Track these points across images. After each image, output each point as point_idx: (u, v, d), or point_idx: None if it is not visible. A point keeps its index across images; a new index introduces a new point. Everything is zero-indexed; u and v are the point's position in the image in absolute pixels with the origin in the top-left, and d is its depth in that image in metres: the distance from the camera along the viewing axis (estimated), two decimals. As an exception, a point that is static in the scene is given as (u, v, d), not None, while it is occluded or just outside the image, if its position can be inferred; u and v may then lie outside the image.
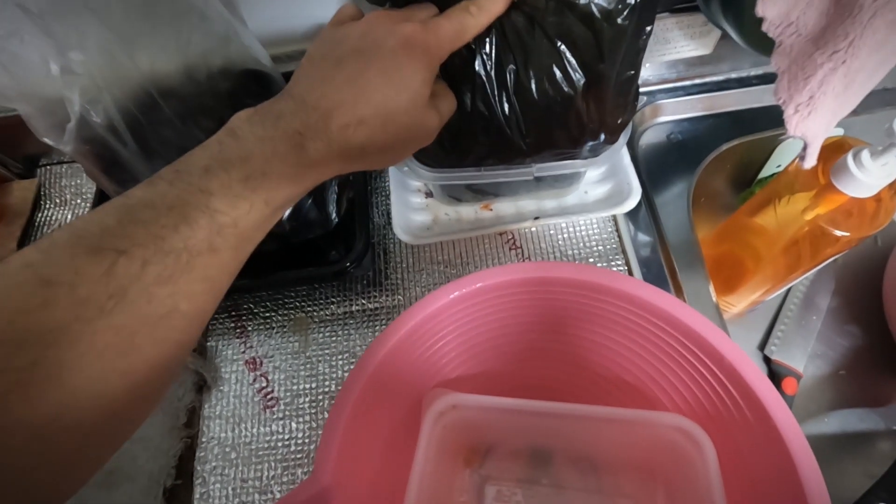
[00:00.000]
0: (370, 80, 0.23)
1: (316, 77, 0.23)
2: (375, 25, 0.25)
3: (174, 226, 0.19)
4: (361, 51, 0.24)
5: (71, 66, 0.26)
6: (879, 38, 0.22)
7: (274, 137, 0.22)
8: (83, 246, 0.18)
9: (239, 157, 0.21)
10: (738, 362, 0.27)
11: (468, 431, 0.33)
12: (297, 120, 0.22)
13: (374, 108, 0.23)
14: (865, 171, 0.34)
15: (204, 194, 0.20)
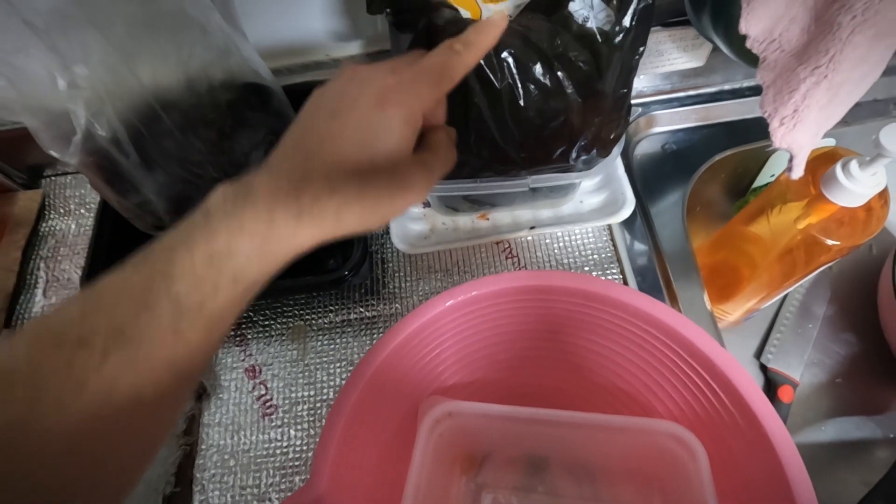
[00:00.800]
0: (341, 145, 0.22)
1: (291, 144, 0.23)
2: (351, 83, 0.24)
3: (135, 313, 0.19)
4: (335, 113, 0.23)
5: (76, 80, 0.27)
6: (860, 54, 0.22)
7: (242, 214, 0.21)
8: (45, 338, 0.18)
9: (204, 236, 0.20)
10: (730, 370, 0.27)
11: (464, 439, 0.33)
12: (267, 194, 0.21)
13: (345, 176, 0.22)
14: (855, 181, 0.35)
15: (166, 278, 0.20)
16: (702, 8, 0.37)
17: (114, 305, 0.19)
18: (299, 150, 0.22)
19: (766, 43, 0.24)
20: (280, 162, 0.22)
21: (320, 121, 0.23)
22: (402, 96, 0.23)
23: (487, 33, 0.24)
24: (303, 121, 0.24)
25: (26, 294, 0.47)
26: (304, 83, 0.46)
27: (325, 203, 0.21)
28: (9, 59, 0.26)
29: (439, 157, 0.26)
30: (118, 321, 0.19)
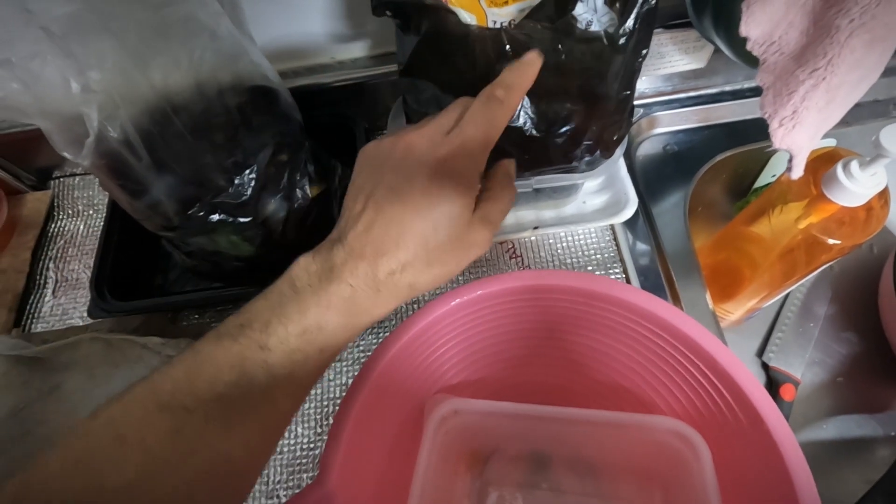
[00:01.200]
0: (406, 224, 0.23)
1: (360, 221, 0.24)
2: (405, 159, 0.25)
3: (235, 382, 0.21)
4: (395, 190, 0.24)
5: (90, 84, 0.27)
6: (857, 57, 0.23)
7: (329, 290, 0.23)
8: (155, 403, 0.20)
9: (297, 310, 0.22)
10: (732, 367, 0.28)
11: (470, 437, 0.34)
12: (348, 272, 0.23)
13: (414, 251, 0.23)
14: (855, 181, 0.35)
15: (263, 351, 0.22)
16: (703, 10, 0.38)
17: (216, 374, 0.21)
18: (368, 227, 0.24)
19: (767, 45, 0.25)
20: (353, 239, 0.24)
21: (384, 198, 0.24)
22: (457, 168, 0.24)
23: (525, 73, 0.25)
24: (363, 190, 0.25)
25: (36, 294, 0.48)
26: (311, 85, 0.46)
27: (399, 278, 0.24)
28: (25, 64, 0.26)
29: (500, 205, 0.27)
30: (219, 389, 0.21)
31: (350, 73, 0.46)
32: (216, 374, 0.21)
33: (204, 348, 0.22)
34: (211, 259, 0.42)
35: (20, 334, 0.45)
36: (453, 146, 0.24)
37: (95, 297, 0.41)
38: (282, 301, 0.23)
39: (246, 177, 0.36)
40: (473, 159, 0.25)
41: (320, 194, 0.42)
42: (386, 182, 0.24)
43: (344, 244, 0.24)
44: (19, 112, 0.27)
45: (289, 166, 0.39)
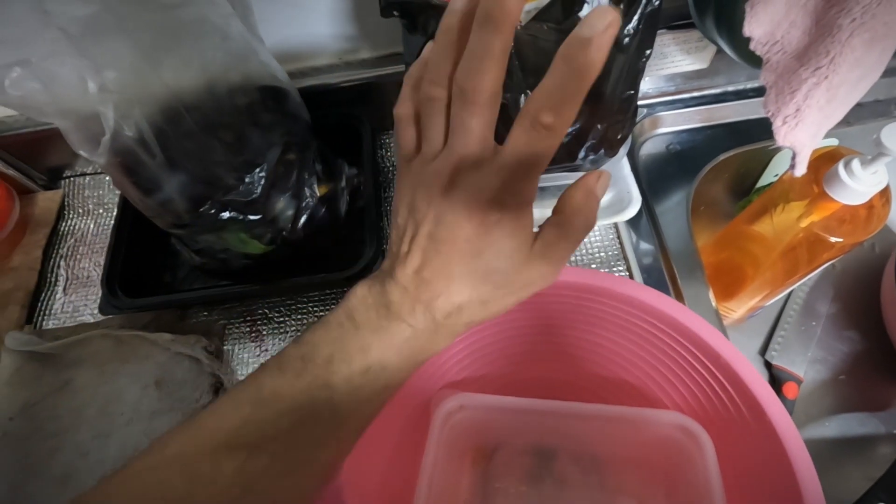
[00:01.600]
0: (455, 272, 0.22)
1: (410, 264, 0.22)
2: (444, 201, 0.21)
3: (300, 421, 0.21)
4: (437, 239, 0.22)
5: (106, 83, 0.28)
6: (858, 56, 0.23)
7: (390, 330, 0.22)
8: (222, 440, 0.20)
9: (359, 348, 0.22)
10: (734, 361, 0.28)
11: (475, 431, 0.34)
12: (406, 312, 0.22)
13: (469, 293, 0.22)
14: (856, 180, 0.36)
15: (328, 389, 0.21)
16: (706, 11, 0.38)
17: (280, 414, 0.21)
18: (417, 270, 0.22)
19: (769, 45, 0.25)
20: (406, 280, 0.22)
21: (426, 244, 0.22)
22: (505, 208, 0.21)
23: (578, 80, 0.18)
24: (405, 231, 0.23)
25: (47, 291, 0.48)
26: (318, 85, 0.47)
27: (456, 318, 0.23)
28: (44, 64, 0.27)
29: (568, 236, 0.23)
30: (285, 427, 0.21)
31: (357, 73, 0.47)
32: (281, 411, 0.21)
33: (267, 383, 0.22)
34: (219, 257, 0.42)
35: (32, 331, 0.45)
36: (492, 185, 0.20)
37: (107, 294, 0.42)
38: (342, 335, 0.22)
39: (256, 175, 0.36)
40: (519, 197, 0.21)
41: (327, 193, 0.43)
42: (426, 227, 0.22)
43: (397, 282, 0.23)
44: (38, 111, 0.28)
45: (297, 165, 0.39)
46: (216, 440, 0.20)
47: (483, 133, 0.21)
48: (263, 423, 0.21)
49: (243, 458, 0.20)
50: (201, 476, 0.19)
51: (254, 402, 0.21)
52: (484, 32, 0.18)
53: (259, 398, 0.21)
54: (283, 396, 0.21)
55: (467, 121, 0.20)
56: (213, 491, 0.19)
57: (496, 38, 0.18)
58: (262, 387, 0.21)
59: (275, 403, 0.21)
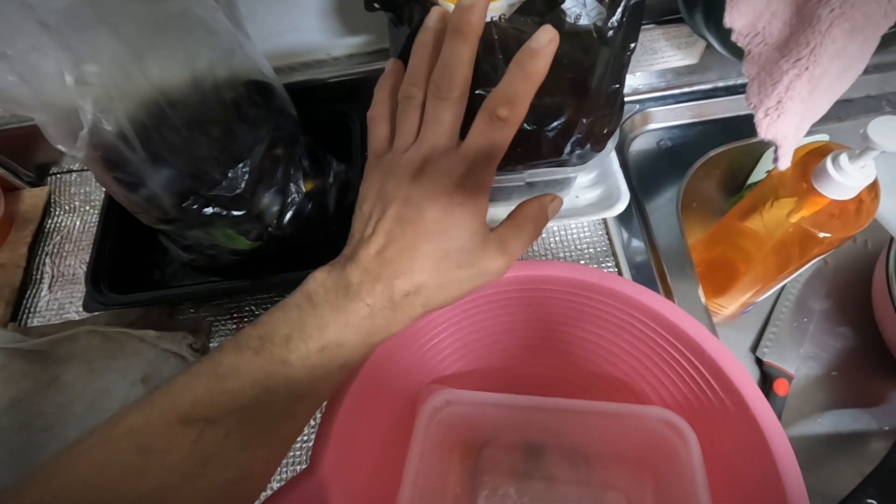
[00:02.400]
0: (418, 250, 0.24)
1: (373, 244, 0.24)
2: (412, 186, 0.25)
3: (256, 396, 0.21)
4: (402, 218, 0.24)
5: (86, 77, 0.28)
6: (839, 46, 0.23)
7: (348, 309, 0.23)
8: (176, 414, 0.20)
9: (316, 326, 0.23)
10: (718, 355, 0.28)
11: (463, 427, 0.34)
12: (365, 291, 0.23)
13: (428, 274, 0.24)
14: (844, 174, 0.36)
15: (284, 366, 0.22)
16: (694, 6, 0.38)
17: (238, 388, 0.21)
18: (380, 251, 0.24)
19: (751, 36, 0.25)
20: (366, 261, 0.24)
21: (394, 225, 0.24)
22: (465, 194, 0.24)
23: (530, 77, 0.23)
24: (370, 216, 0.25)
25: (33, 289, 0.48)
26: (306, 81, 0.47)
27: (414, 298, 0.24)
28: (22, 56, 0.26)
29: (521, 234, 0.26)
30: (242, 403, 0.21)
31: (345, 68, 0.47)
32: (238, 387, 0.21)
33: (224, 359, 0.22)
34: (207, 253, 0.42)
35: (17, 328, 0.45)
36: (461, 174, 0.24)
37: (91, 290, 0.41)
38: (301, 316, 0.23)
39: (240, 170, 0.36)
40: (482, 181, 0.25)
41: (315, 189, 0.43)
42: (393, 209, 0.25)
43: (358, 264, 0.24)
44: (17, 104, 0.28)
45: (283, 161, 0.39)
46: (172, 414, 0.20)
47: (453, 125, 0.25)
48: (220, 397, 0.21)
49: (199, 431, 0.20)
50: (156, 448, 0.19)
51: (210, 377, 0.21)
52: (454, 43, 0.23)
53: (216, 374, 0.21)
54: (241, 372, 0.21)
55: (441, 114, 0.25)
56: (169, 462, 0.19)
57: (464, 47, 0.24)
58: (220, 363, 0.22)
59: (232, 380, 0.21)
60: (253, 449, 0.22)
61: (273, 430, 0.22)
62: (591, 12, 0.29)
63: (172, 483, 0.19)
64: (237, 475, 0.21)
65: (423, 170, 0.24)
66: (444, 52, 0.24)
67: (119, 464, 0.19)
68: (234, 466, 0.21)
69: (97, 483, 0.19)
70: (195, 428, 0.20)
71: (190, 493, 0.20)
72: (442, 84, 0.24)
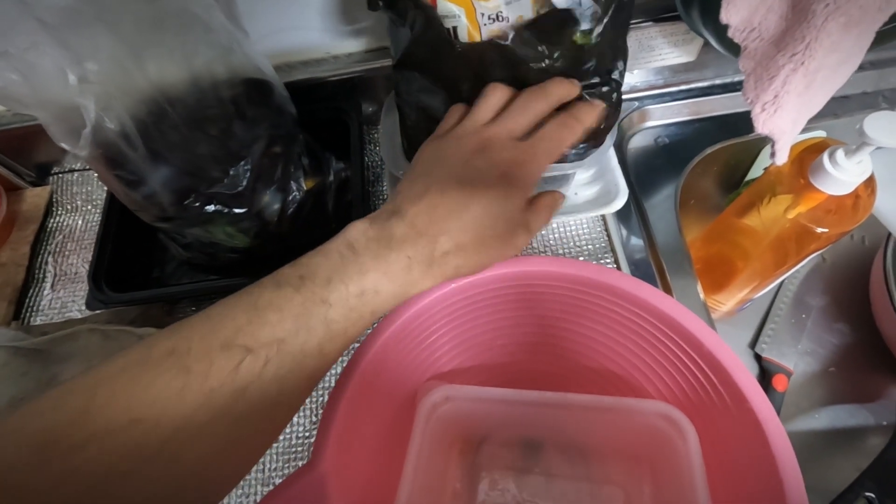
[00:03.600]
0: (470, 211, 0.25)
1: (424, 201, 0.26)
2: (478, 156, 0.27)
3: (295, 331, 0.22)
4: (463, 182, 0.26)
5: (86, 75, 0.28)
6: (834, 40, 0.23)
7: (388, 258, 0.24)
8: (218, 340, 0.21)
9: (357, 271, 0.23)
10: (716, 349, 0.28)
11: (462, 422, 0.34)
12: (408, 244, 0.24)
13: (471, 236, 0.25)
14: (841, 170, 0.36)
15: (324, 305, 0.23)
16: (691, 3, 0.38)
17: (278, 320, 0.22)
18: (431, 207, 0.25)
19: (747, 32, 0.25)
20: (414, 216, 0.25)
21: (451, 186, 0.26)
22: (524, 174, 0.27)
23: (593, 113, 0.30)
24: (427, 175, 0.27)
25: (35, 287, 0.48)
26: (306, 80, 0.47)
27: (451, 258, 0.25)
28: (22, 55, 0.27)
29: (542, 217, 0.29)
30: (281, 335, 0.21)
31: (345, 67, 0.47)
32: (279, 320, 0.21)
33: (264, 294, 0.22)
34: (207, 251, 0.42)
35: (19, 327, 0.45)
36: (526, 155, 0.27)
37: (93, 289, 0.41)
38: (343, 261, 0.24)
39: (240, 168, 0.36)
40: (539, 169, 0.27)
41: (314, 187, 0.43)
42: (454, 172, 0.26)
43: (404, 218, 0.25)
44: (18, 102, 0.28)
45: (283, 158, 0.39)
46: (214, 340, 0.20)
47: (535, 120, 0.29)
48: (261, 328, 0.21)
49: (240, 358, 0.20)
50: (197, 371, 0.20)
51: (250, 309, 0.22)
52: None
53: (256, 306, 0.22)
54: (281, 306, 0.22)
55: (532, 106, 0.28)
56: (209, 386, 0.20)
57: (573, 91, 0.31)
58: (260, 297, 0.22)
59: (272, 312, 0.22)
60: (286, 382, 0.22)
61: (307, 366, 0.23)
62: (586, 12, 0.29)
63: (212, 406, 0.20)
64: (267, 405, 0.22)
65: (491, 144, 0.27)
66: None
67: (161, 383, 0.19)
68: (267, 397, 0.21)
69: (139, 401, 0.19)
70: (237, 354, 0.20)
71: (225, 417, 0.20)
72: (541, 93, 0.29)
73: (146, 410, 0.19)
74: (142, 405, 0.19)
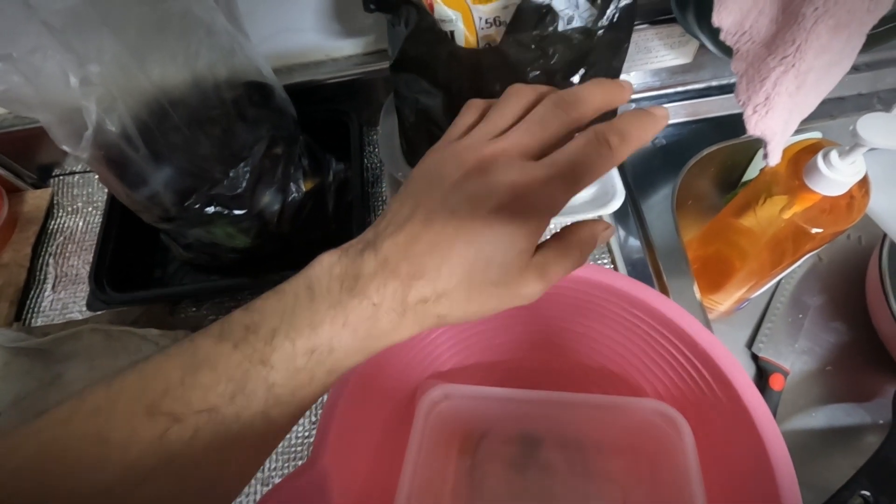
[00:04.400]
0: (456, 250, 0.20)
1: (404, 232, 0.21)
2: (476, 176, 0.21)
3: (230, 396, 0.19)
4: (453, 209, 0.20)
5: (89, 77, 0.28)
6: (823, 43, 0.24)
7: (348, 306, 0.20)
8: (142, 404, 0.18)
9: (308, 323, 0.20)
10: (711, 348, 0.29)
11: (461, 420, 0.35)
12: (375, 287, 0.20)
13: (458, 281, 0.20)
14: (835, 171, 0.36)
15: (265, 367, 0.19)
16: (686, 5, 0.39)
17: (211, 384, 0.19)
18: (410, 240, 0.21)
19: (738, 35, 0.26)
20: (388, 249, 0.21)
21: (438, 213, 0.21)
22: (533, 205, 0.20)
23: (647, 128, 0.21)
24: (415, 196, 0.22)
25: (36, 289, 0.49)
26: (305, 82, 0.47)
27: (431, 307, 0.21)
28: (26, 57, 0.27)
29: (564, 261, 0.22)
30: (214, 401, 0.19)
31: (344, 69, 0.47)
32: (212, 382, 0.19)
33: (202, 347, 0.20)
34: (208, 251, 0.43)
35: (21, 328, 0.46)
36: (538, 180, 0.20)
37: (94, 289, 0.42)
38: (294, 307, 0.20)
39: (241, 169, 0.36)
40: (555, 201, 0.21)
41: (314, 188, 0.43)
42: (445, 196, 0.21)
43: (377, 252, 0.21)
44: (21, 105, 0.28)
45: (283, 160, 0.40)
46: (138, 403, 0.18)
47: (552, 139, 0.21)
48: (191, 391, 0.19)
49: (164, 427, 0.18)
50: (116, 441, 0.18)
51: (186, 365, 0.19)
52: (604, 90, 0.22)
53: (192, 362, 0.19)
54: (217, 366, 0.19)
55: (550, 121, 0.21)
56: (129, 458, 0.18)
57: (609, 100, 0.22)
58: (198, 350, 0.20)
59: (207, 372, 0.19)
60: (225, 452, 0.19)
61: (248, 434, 0.20)
62: (583, 14, 0.29)
63: (132, 480, 0.18)
64: (206, 478, 0.19)
65: (494, 163, 0.21)
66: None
67: (77, 451, 0.17)
68: (203, 469, 0.19)
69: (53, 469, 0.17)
70: (161, 423, 0.18)
71: (152, 492, 0.18)
72: (570, 99, 0.21)
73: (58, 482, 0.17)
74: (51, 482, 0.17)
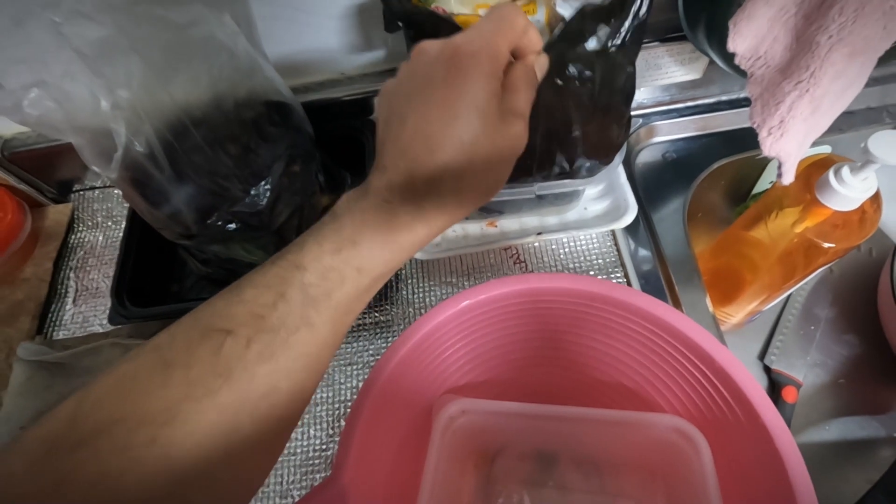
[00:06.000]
0: (434, 123, 0.22)
1: (389, 138, 0.23)
2: (420, 60, 0.23)
3: (272, 303, 0.20)
4: (413, 95, 0.23)
5: (118, 102, 0.29)
6: (838, 69, 0.24)
7: (364, 208, 0.22)
8: (197, 329, 0.20)
9: (332, 229, 0.22)
10: (729, 364, 0.29)
11: (477, 436, 0.35)
12: (383, 187, 0.22)
13: (451, 150, 0.22)
14: (847, 186, 0.37)
15: (298, 270, 0.21)
16: (696, 24, 0.40)
17: (253, 296, 0.20)
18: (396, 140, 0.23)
19: (753, 60, 0.26)
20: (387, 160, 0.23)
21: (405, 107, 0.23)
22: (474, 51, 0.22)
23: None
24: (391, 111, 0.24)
25: (58, 303, 0.50)
26: (321, 100, 0.48)
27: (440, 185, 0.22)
28: (59, 83, 0.28)
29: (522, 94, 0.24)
30: (258, 311, 0.20)
31: (359, 87, 0.48)
32: (254, 295, 0.20)
33: (245, 278, 0.21)
34: (225, 266, 0.43)
35: (43, 341, 0.46)
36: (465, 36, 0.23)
37: (115, 304, 0.42)
38: (320, 227, 0.23)
39: (261, 187, 0.37)
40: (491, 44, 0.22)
41: (330, 203, 0.44)
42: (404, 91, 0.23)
43: (378, 165, 0.23)
44: (53, 129, 0.29)
45: (301, 177, 0.40)
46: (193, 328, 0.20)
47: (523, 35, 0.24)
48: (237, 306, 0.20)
49: (219, 342, 0.19)
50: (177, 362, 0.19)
51: (230, 291, 0.21)
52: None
53: (236, 287, 0.21)
54: (256, 281, 0.21)
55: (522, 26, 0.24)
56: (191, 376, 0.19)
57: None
58: (240, 280, 0.21)
59: (248, 289, 0.21)
60: (274, 361, 0.20)
61: (293, 341, 0.21)
62: (599, 34, 0.30)
63: (195, 395, 0.19)
64: (262, 390, 0.20)
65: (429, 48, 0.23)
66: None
67: (143, 377, 0.19)
68: (258, 380, 0.20)
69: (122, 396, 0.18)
70: (215, 339, 0.19)
71: (213, 406, 0.19)
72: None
73: (128, 409, 0.18)
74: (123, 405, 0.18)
